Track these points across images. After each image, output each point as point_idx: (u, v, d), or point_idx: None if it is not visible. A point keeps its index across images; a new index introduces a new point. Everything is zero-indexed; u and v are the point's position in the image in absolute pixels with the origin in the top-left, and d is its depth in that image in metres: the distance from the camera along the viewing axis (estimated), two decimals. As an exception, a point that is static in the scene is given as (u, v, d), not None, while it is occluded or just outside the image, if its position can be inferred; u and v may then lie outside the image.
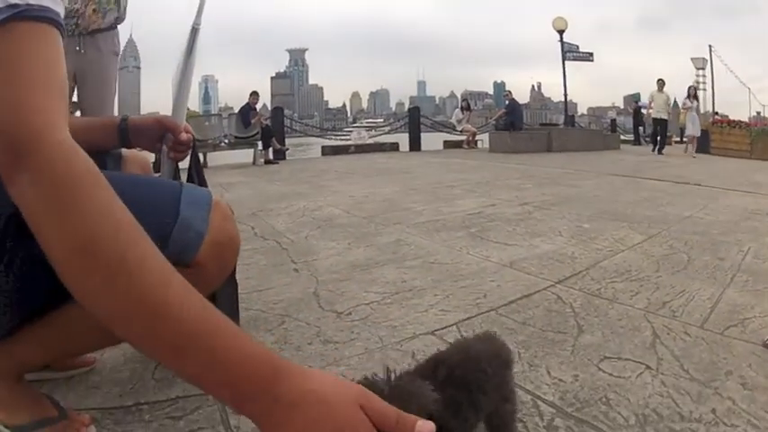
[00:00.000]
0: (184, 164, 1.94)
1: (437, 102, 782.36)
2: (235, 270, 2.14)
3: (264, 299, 2.94)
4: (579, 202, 6.43)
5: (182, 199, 1.45)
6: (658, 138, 18.70)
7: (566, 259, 3.83)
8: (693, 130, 18.24)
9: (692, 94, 19.42)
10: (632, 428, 1.78)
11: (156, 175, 1.95)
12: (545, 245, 4.27)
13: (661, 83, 18.91)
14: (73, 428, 1.56)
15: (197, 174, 2.04)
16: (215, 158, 14.69)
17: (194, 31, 1.91)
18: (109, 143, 1.87)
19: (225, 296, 2.19)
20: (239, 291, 2.49)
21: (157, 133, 1.89)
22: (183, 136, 1.87)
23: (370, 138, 21.98)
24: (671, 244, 4.29)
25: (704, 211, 5.87)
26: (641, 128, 26.18)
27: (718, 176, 10.03)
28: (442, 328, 2.57)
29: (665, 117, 19.12)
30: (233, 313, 2.31)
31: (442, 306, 2.87)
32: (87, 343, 1.64)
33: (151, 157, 2.07)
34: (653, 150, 18.62)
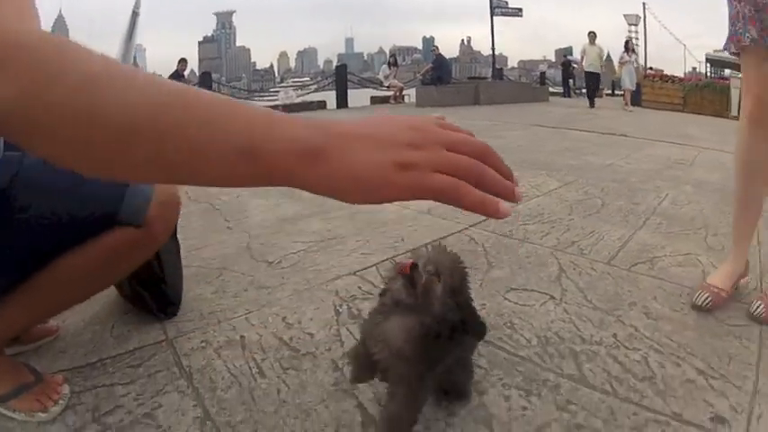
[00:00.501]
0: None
1: (365, 58, 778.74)
2: (176, 230, 2.33)
3: (202, 256, 3.13)
4: (503, 153, 6.20)
5: None
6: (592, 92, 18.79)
7: (482, 205, 4.02)
8: (630, 83, 18.34)
9: (630, 47, 19.31)
10: (534, 348, 2.03)
11: None
12: (464, 192, 4.45)
13: (592, 36, 18.71)
14: (50, 389, 1.80)
15: None
16: None
17: (134, 15, 2.07)
18: None
19: (169, 255, 2.40)
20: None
21: None
22: None
23: (297, 97, 21.89)
24: (587, 190, 4.58)
25: (626, 161, 6.19)
26: (571, 81, 26.69)
27: (647, 128, 10.43)
28: (363, 269, 2.83)
29: (598, 71, 19.15)
30: (177, 270, 2.52)
31: (363, 250, 3.12)
32: (51, 308, 1.88)
33: None
34: (590, 106, 18.25)
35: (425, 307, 1.36)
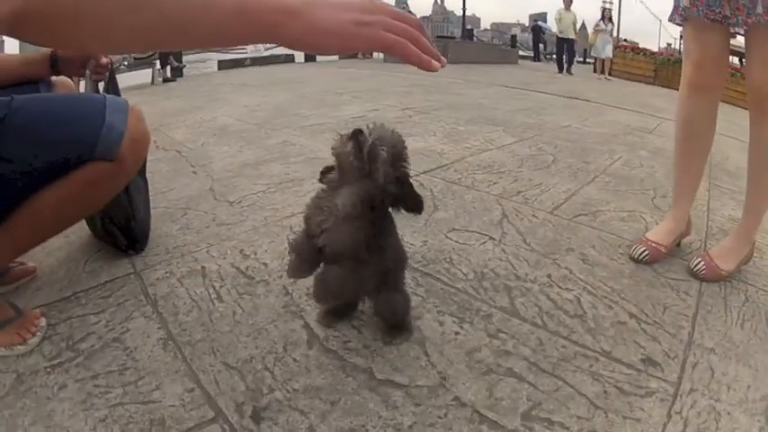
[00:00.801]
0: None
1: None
2: (145, 168, 2.53)
3: (169, 197, 3.24)
4: (461, 109, 6.77)
5: (106, 107, 1.88)
6: (564, 57, 18.66)
7: (434, 155, 4.19)
8: (605, 51, 18.01)
9: (607, 16, 18.63)
10: (470, 282, 2.15)
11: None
12: (417, 143, 4.60)
13: (568, 1, 18.53)
14: (28, 322, 1.93)
15: (113, 88, 2.49)
16: (101, 82, 14.30)
17: None
18: (42, 73, 2.23)
19: (138, 193, 2.54)
20: (147, 194, 2.85)
21: (81, 60, 2.27)
22: (103, 60, 2.29)
23: (265, 50, 21.63)
24: (540, 147, 4.69)
25: (585, 123, 6.31)
26: (542, 45, 26.73)
27: (613, 95, 10.59)
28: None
29: (572, 37, 18.91)
30: (146, 208, 2.69)
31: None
32: (29, 241, 1.99)
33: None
34: (560, 71, 18.36)
35: (370, 175, 1.51)
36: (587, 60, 24.01)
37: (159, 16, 0.91)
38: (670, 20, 2.50)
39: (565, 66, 18.50)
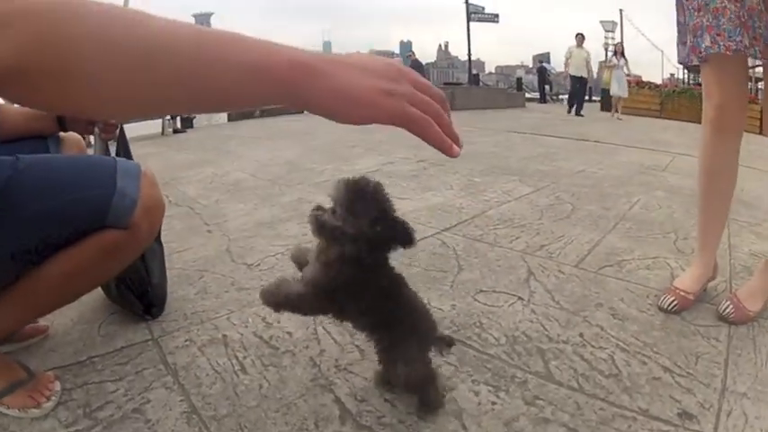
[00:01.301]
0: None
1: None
2: (160, 233, 2.45)
3: (184, 258, 3.21)
4: (475, 158, 6.78)
5: (117, 172, 1.78)
6: (575, 99, 17.90)
7: (453, 210, 4.17)
8: (620, 90, 16.91)
9: (619, 51, 17.78)
10: (503, 347, 2.11)
11: (90, 151, 2.38)
12: (435, 198, 4.60)
13: (580, 38, 17.73)
14: (42, 385, 1.85)
15: (124, 148, 2.46)
16: (126, 130, 14.46)
17: None
18: (49, 129, 2.18)
19: (154, 259, 2.51)
20: (161, 253, 2.82)
21: (88, 119, 2.22)
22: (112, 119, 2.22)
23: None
24: (558, 195, 4.67)
25: (598, 166, 6.28)
26: (547, 86, 26.86)
27: (620, 134, 10.56)
28: (339, 271, 2.87)
29: (585, 75, 17.98)
30: (162, 273, 2.62)
31: (339, 253, 3.16)
32: (40, 308, 1.93)
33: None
34: (569, 112, 17.62)
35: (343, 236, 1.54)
36: (593, 98, 24.01)
37: (173, 74, 0.82)
38: (683, 62, 2.48)
39: (574, 108, 17.69)
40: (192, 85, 0.83)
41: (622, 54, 17.59)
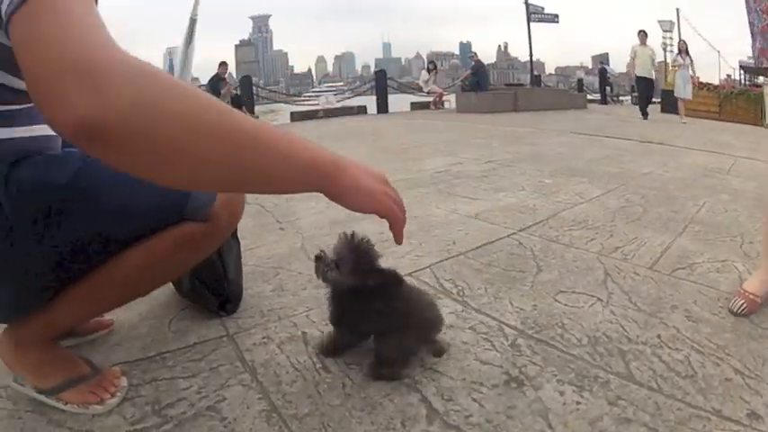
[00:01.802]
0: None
1: (403, 63, 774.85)
2: (236, 230, 2.45)
3: (258, 255, 3.24)
4: (543, 160, 6.74)
5: None
6: (646, 100, 16.12)
7: (527, 210, 4.17)
8: (685, 92, 15.33)
9: (684, 49, 15.95)
10: (585, 347, 2.11)
11: None
12: (508, 198, 4.61)
13: (643, 35, 16.13)
14: (107, 381, 1.80)
15: None
16: None
17: (192, 22, 2.17)
18: None
19: (231, 253, 2.48)
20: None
21: None
22: None
23: (338, 102, 21.92)
24: (628, 198, 4.61)
25: (664, 169, 6.17)
26: (608, 88, 26.46)
27: (683, 136, 10.33)
28: (417, 271, 2.94)
29: (650, 76, 16.40)
30: (238, 268, 2.56)
31: (417, 253, 3.22)
32: (113, 301, 1.85)
33: None
34: (644, 116, 15.44)
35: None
36: (653, 100, 23.59)
37: (252, 165, 1.03)
38: (757, 65, 2.44)
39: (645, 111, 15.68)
40: (256, 173, 1.05)
41: (687, 52, 15.89)
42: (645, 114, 15.46)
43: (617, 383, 1.88)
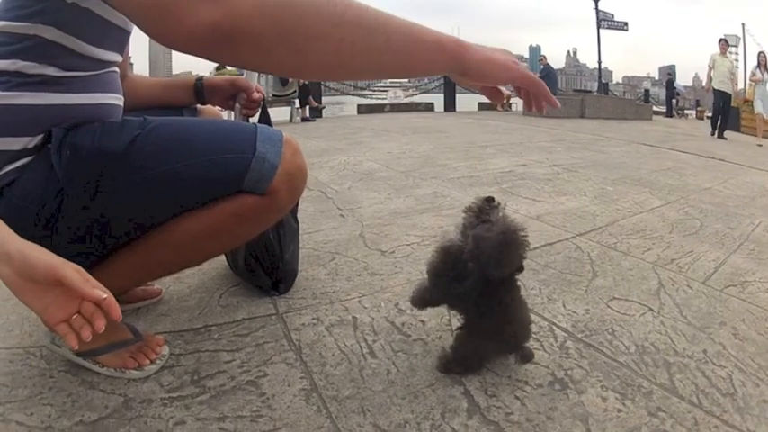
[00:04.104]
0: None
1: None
2: (297, 208, 2.41)
3: (315, 239, 3.23)
4: (606, 167, 6.56)
5: (257, 137, 1.68)
6: (719, 117, 13.64)
7: (587, 216, 4.08)
8: (764, 108, 13.04)
9: (763, 62, 13.26)
10: (632, 356, 2.05)
11: None
12: (570, 203, 4.51)
13: (724, 44, 14.02)
14: (147, 348, 1.78)
15: (265, 122, 2.29)
16: (253, 118, 14.75)
17: None
18: (186, 100, 2.15)
19: (291, 234, 2.45)
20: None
21: (230, 92, 2.20)
22: (255, 95, 2.19)
23: (405, 97, 21.90)
24: (687, 211, 4.47)
25: (724, 185, 5.96)
26: (674, 101, 25.77)
27: (745, 154, 9.97)
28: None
29: (729, 91, 13.59)
30: (295, 249, 2.53)
31: (478, 250, 3.16)
32: (164, 267, 1.87)
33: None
34: (713, 134, 13.59)
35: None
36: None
37: (385, 44, 1.03)
38: None
39: (717, 128, 13.63)
40: (397, 56, 1.06)
41: (765, 66, 13.27)
42: (716, 131, 13.61)
43: (659, 394, 1.82)
